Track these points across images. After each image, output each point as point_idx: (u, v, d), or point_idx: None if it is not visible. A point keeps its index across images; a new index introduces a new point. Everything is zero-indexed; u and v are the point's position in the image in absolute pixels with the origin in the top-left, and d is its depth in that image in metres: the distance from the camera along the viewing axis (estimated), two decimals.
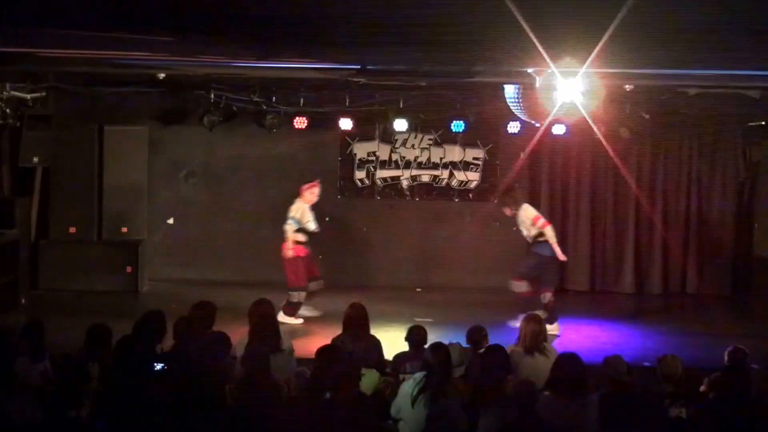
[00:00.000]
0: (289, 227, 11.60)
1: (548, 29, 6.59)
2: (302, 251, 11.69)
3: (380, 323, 11.47)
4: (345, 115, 13.31)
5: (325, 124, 13.66)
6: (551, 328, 10.87)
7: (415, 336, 8.37)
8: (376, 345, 8.60)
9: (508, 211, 11.66)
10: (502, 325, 11.46)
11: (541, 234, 11.51)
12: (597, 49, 7.34)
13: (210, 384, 6.74)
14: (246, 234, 14.31)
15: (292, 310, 11.53)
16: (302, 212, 11.70)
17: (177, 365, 7.12)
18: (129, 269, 13.23)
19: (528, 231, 11.56)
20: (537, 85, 9.02)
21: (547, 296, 11.45)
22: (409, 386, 6.98)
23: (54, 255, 13.21)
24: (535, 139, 13.99)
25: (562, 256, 11.53)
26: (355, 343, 8.31)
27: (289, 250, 11.58)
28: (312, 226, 11.68)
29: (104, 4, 5.34)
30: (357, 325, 8.59)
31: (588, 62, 8.07)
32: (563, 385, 6.74)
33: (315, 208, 13.68)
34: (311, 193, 11.77)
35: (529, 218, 11.59)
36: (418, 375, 7.03)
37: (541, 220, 11.59)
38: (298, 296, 11.57)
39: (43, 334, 7.71)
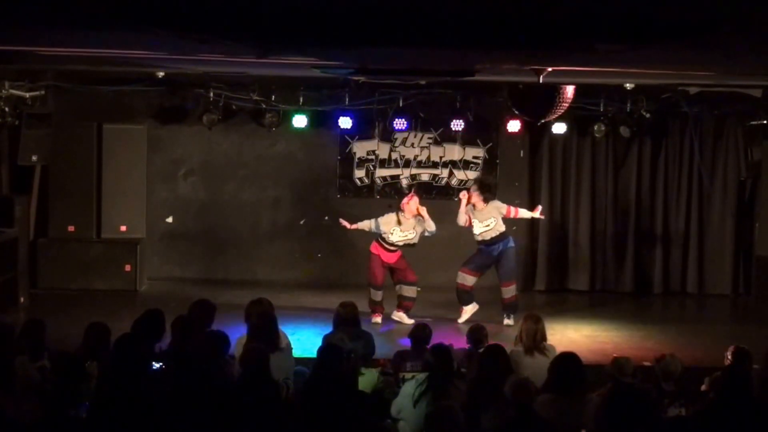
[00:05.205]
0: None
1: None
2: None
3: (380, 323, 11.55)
4: (344, 113, 13.30)
5: (325, 122, 13.67)
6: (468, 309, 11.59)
7: (420, 333, 8.37)
8: (369, 340, 8.63)
9: (478, 201, 11.64)
10: (501, 325, 11.50)
11: (502, 235, 11.64)
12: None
13: (208, 383, 6.72)
14: (245, 233, 14.31)
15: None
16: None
17: (175, 364, 7.09)
18: (128, 268, 13.21)
19: (489, 226, 11.61)
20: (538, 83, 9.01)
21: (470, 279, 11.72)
22: (411, 387, 6.97)
23: (53, 253, 13.18)
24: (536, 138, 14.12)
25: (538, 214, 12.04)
26: (354, 341, 8.30)
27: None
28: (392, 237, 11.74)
29: (103, 2, 5.32)
30: (349, 323, 8.59)
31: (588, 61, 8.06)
32: (562, 385, 6.72)
33: (314, 206, 13.77)
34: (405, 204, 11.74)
35: (501, 211, 11.67)
36: (421, 376, 7.03)
37: (513, 209, 11.84)
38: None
39: (43, 332, 7.69)
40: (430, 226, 11.66)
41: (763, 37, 5.87)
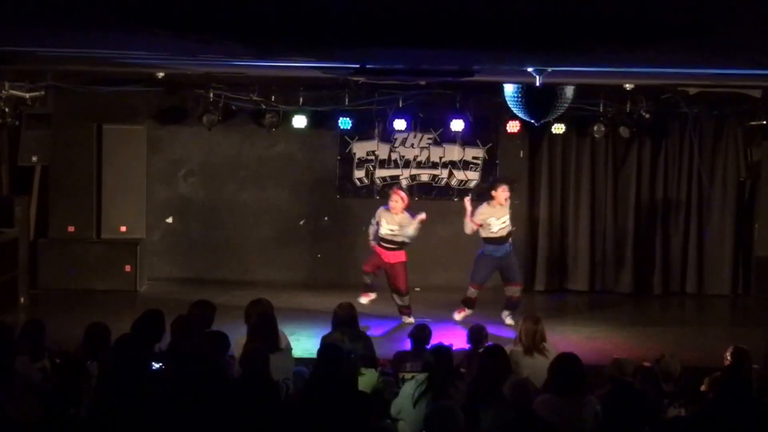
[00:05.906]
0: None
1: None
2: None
3: (379, 323, 11.53)
4: (344, 114, 13.31)
5: (324, 123, 13.67)
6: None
7: (420, 333, 8.38)
8: (369, 341, 8.64)
9: (506, 200, 11.65)
10: (501, 325, 11.51)
11: (509, 234, 11.70)
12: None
13: (208, 383, 6.72)
14: (245, 233, 14.32)
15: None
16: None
17: (175, 364, 7.10)
18: (128, 268, 13.22)
19: (506, 223, 11.64)
20: (537, 84, 9.00)
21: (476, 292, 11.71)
22: (410, 387, 6.97)
23: (53, 254, 13.20)
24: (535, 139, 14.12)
25: None
26: (353, 341, 8.31)
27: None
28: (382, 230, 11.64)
29: (103, 2, 5.32)
30: (347, 324, 8.61)
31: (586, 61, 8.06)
32: (561, 385, 6.72)
33: (313, 207, 13.75)
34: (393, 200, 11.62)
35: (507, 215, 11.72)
36: (421, 376, 7.03)
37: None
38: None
39: (43, 333, 7.70)
40: (409, 231, 11.45)
41: (763, 37, 5.88)
